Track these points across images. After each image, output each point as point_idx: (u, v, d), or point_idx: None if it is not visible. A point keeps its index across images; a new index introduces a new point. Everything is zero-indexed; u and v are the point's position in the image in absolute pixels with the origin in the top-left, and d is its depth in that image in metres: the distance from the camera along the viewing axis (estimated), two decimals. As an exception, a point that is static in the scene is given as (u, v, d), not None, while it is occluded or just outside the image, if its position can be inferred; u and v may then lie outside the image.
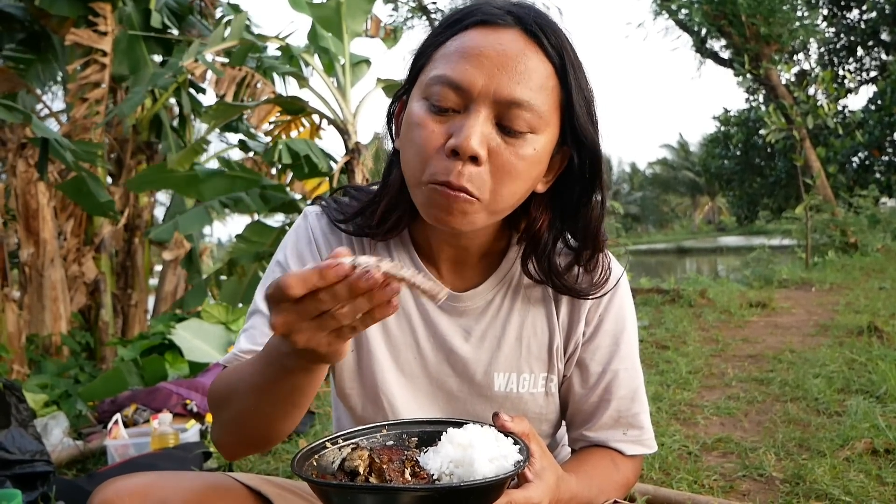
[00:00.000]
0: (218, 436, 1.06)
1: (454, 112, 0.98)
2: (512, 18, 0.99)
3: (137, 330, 7.11)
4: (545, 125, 0.99)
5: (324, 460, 0.92)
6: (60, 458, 3.00)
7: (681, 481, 2.38)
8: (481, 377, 1.17)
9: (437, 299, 0.79)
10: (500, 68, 0.96)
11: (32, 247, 6.42)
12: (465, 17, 1.01)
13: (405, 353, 1.17)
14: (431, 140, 0.98)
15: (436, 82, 0.98)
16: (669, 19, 18.42)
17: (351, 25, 6.58)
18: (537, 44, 0.98)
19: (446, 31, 1.02)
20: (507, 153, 0.97)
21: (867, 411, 2.88)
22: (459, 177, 0.95)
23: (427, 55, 1.03)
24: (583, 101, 1.02)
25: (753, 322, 5.73)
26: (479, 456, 0.85)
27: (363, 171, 6.23)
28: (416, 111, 1.00)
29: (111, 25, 6.68)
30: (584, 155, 1.05)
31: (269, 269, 1.18)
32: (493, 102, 0.96)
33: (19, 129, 6.24)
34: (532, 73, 0.97)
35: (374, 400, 1.18)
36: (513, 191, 1.00)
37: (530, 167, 1.00)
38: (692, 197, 61.43)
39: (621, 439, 1.20)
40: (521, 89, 0.96)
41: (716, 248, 34.13)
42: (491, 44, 0.97)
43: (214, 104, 6.55)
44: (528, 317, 1.18)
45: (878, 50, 23.49)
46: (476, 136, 0.95)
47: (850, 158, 20.61)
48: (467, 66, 0.97)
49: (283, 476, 2.57)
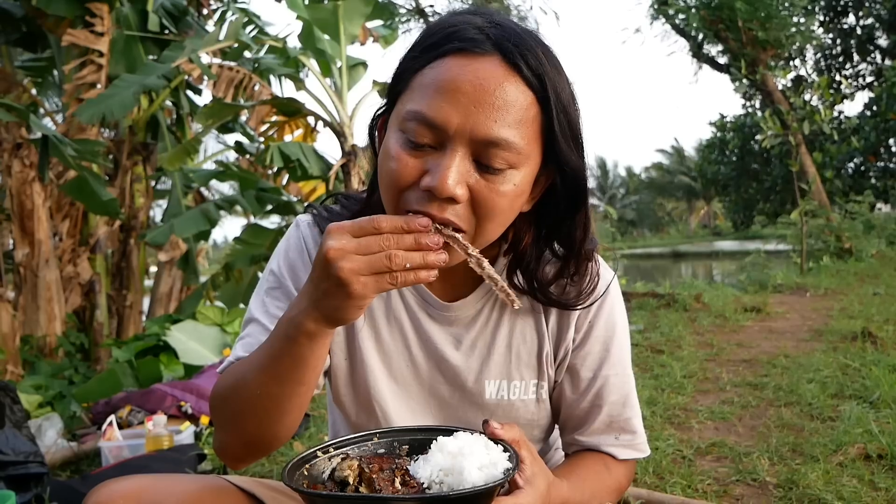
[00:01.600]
0: (221, 439, 1.07)
1: (430, 147, 0.95)
2: (490, 44, 0.95)
3: (132, 331, 7.10)
4: (525, 159, 0.97)
5: (315, 469, 0.92)
6: (54, 459, 2.99)
7: (675, 485, 2.39)
8: (472, 385, 1.18)
9: (515, 305, 0.96)
10: (477, 105, 0.92)
11: (27, 247, 6.40)
12: (442, 41, 0.97)
13: (397, 360, 1.18)
14: (405, 175, 0.95)
15: (411, 118, 0.95)
16: (666, 24, 18.45)
17: (348, 28, 6.59)
18: (516, 71, 0.94)
19: (423, 56, 0.98)
20: (486, 190, 0.95)
21: (860, 416, 2.89)
22: (441, 210, 0.94)
23: (405, 80, 1.00)
24: (566, 124, 0.99)
25: (748, 327, 5.75)
26: (468, 464, 0.85)
27: (359, 174, 6.24)
28: (392, 144, 0.98)
29: (108, 26, 6.67)
30: (567, 177, 1.03)
31: (263, 279, 1.19)
32: (470, 141, 0.93)
33: (15, 128, 6.23)
34: (510, 108, 0.93)
35: (367, 407, 1.19)
36: (497, 224, 1.00)
37: (512, 201, 0.98)
38: (688, 201, 61.56)
39: (613, 444, 1.21)
40: (499, 127, 0.93)
41: (711, 252, 34.23)
42: (468, 77, 0.93)
43: (209, 103, 6.55)
44: (516, 325, 1.18)
45: (875, 56, 23.58)
46: (452, 176, 0.92)
47: (845, 164, 20.66)
48: (443, 102, 0.93)
49: (277, 479, 2.57)
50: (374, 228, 0.86)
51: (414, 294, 1.18)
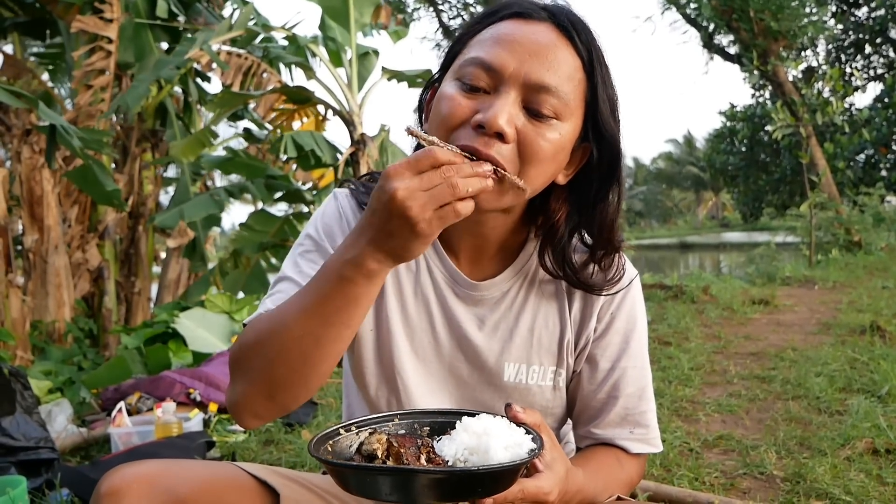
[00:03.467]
0: (243, 392, 1.02)
1: (484, 92, 1.02)
2: (546, 14, 1.04)
3: (140, 317, 7.13)
4: (570, 114, 1.03)
5: (338, 446, 0.93)
6: (64, 445, 3.01)
7: (682, 478, 2.39)
8: (492, 366, 1.19)
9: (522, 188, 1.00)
10: (532, 55, 1.00)
11: (37, 233, 6.43)
12: (501, 9, 1.06)
13: (420, 335, 1.19)
14: (458, 112, 1.01)
15: (469, 63, 1.03)
16: (678, 14, 18.33)
17: (358, 16, 6.56)
18: (568, 38, 1.03)
19: (482, 21, 1.07)
20: (532, 134, 1.00)
21: (868, 411, 2.88)
22: (487, 146, 0.98)
23: (462, 42, 1.08)
24: (607, 98, 1.06)
25: (756, 319, 5.73)
26: (494, 444, 0.87)
27: (368, 163, 6.23)
28: (447, 89, 1.04)
29: (117, 13, 6.67)
30: (604, 150, 1.08)
31: (297, 244, 1.20)
32: (523, 86, 1.00)
33: (24, 114, 6.24)
34: (561, 63, 1.01)
35: (389, 380, 1.19)
36: (539, 171, 1.03)
37: (555, 151, 1.03)
38: (696, 192, 61.32)
39: (628, 437, 1.21)
40: (550, 75, 1.00)
41: (719, 244, 34.11)
42: (524, 33, 1.02)
43: (220, 92, 6.55)
44: (540, 310, 1.20)
45: (886, 47, 23.37)
46: (504, 114, 0.98)
47: (856, 156, 20.52)
48: (500, 50, 1.01)
49: (287, 466, 2.58)
50: (432, 162, 0.88)
51: (442, 272, 1.19)
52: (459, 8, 21.22)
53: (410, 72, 6.78)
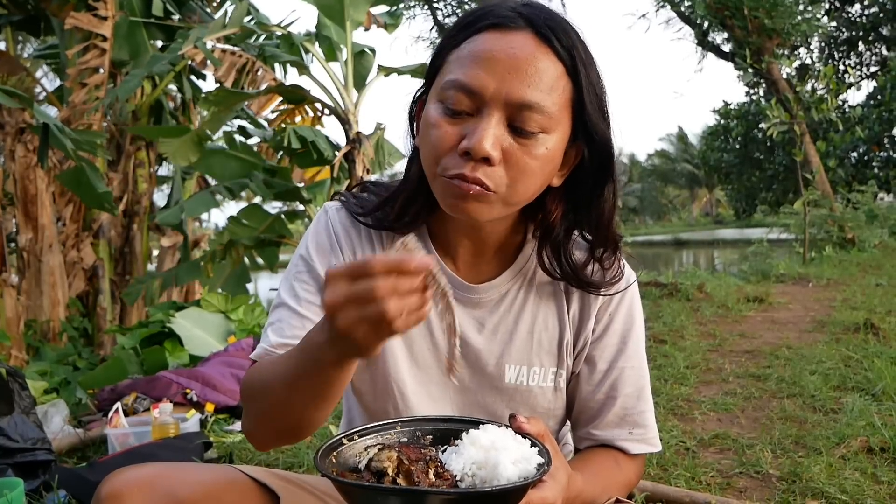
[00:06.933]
0: (250, 427, 1.08)
1: (468, 115, 1.01)
2: (523, 20, 1.01)
3: (136, 316, 7.11)
4: (556, 124, 1.02)
5: (342, 457, 0.93)
6: (61, 445, 3.00)
7: (679, 478, 2.40)
8: (493, 368, 1.19)
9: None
10: (511, 71, 0.99)
11: (31, 232, 6.41)
12: (477, 19, 1.04)
13: (419, 344, 1.19)
14: (445, 140, 1.02)
15: (450, 87, 1.02)
16: (672, 11, 18.36)
17: (353, 14, 6.55)
18: (548, 45, 1.01)
19: (460, 34, 1.05)
20: (519, 153, 1.01)
21: (863, 409, 2.90)
22: (474, 170, 0.99)
23: (442, 57, 1.07)
24: (594, 98, 1.05)
25: (751, 317, 5.75)
26: (503, 458, 0.86)
27: (364, 162, 6.22)
28: (432, 113, 1.04)
29: (112, 10, 6.64)
30: (596, 149, 1.08)
31: (292, 264, 1.20)
32: (505, 105, 0.99)
33: (18, 112, 6.22)
34: (542, 75, 1.00)
35: (388, 388, 1.19)
36: (527, 186, 1.04)
37: (543, 165, 1.03)
38: (690, 189, 61.50)
39: (627, 438, 1.22)
40: (532, 92, 0.99)
41: (713, 240, 34.25)
42: (502, 47, 1.00)
43: (214, 91, 6.52)
44: (539, 311, 1.21)
45: (879, 45, 23.43)
46: (488, 138, 0.98)
47: (849, 153, 20.59)
48: (479, 70, 1.00)
49: (284, 467, 2.58)
50: (367, 271, 0.78)
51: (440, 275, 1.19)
52: (454, 6, 21.19)
53: (407, 67, 6.75)
